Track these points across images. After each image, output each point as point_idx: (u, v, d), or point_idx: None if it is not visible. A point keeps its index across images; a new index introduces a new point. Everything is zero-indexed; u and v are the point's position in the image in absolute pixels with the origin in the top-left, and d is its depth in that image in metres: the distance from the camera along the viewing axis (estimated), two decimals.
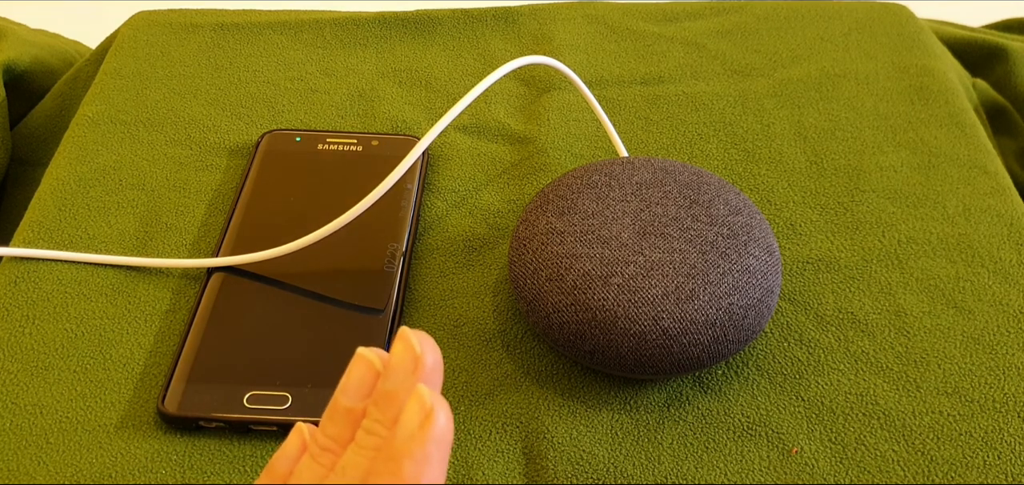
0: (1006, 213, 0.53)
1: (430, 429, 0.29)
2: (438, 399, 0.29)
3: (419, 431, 0.29)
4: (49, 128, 0.64)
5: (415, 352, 0.31)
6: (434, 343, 0.31)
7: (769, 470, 0.42)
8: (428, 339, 0.31)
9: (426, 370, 0.31)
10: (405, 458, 0.29)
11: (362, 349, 0.32)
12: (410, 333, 0.31)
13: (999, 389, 0.45)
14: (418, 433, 0.29)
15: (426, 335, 0.31)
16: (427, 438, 0.29)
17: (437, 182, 0.55)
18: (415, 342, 0.31)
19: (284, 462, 0.33)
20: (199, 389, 0.44)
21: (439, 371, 0.31)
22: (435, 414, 0.29)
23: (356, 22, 0.65)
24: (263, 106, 0.59)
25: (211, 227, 0.52)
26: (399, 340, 0.31)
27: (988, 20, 0.81)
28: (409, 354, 0.31)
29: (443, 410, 0.29)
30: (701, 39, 0.65)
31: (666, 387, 0.45)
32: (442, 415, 0.29)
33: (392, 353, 0.31)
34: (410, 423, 0.29)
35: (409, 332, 0.31)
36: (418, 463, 0.29)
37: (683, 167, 0.49)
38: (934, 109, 0.59)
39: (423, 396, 0.29)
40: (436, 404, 0.29)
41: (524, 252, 0.46)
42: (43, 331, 0.47)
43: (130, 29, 0.65)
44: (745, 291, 0.44)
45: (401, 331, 0.31)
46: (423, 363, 0.31)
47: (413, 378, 0.31)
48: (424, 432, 0.29)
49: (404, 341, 0.31)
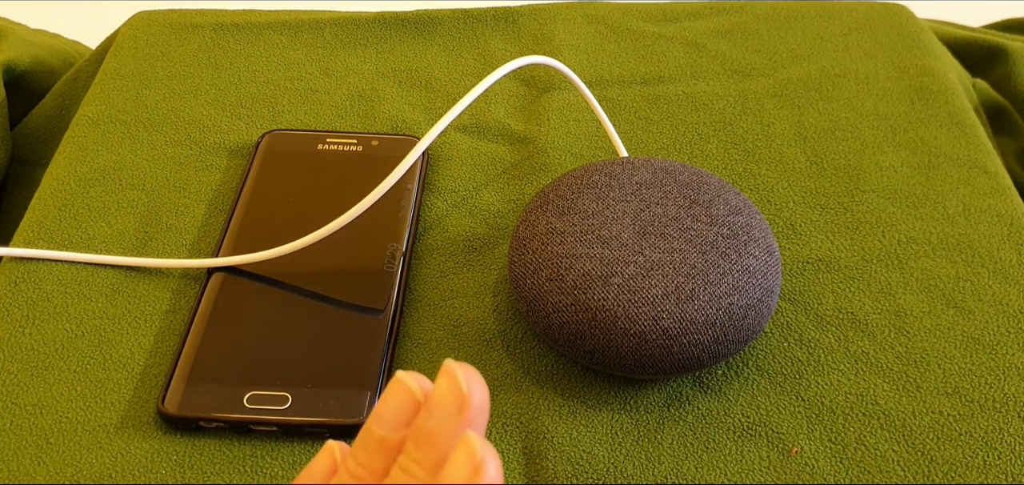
0: (1006, 213, 0.53)
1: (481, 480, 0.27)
2: (488, 448, 0.27)
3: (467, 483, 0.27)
4: (49, 128, 0.64)
5: (461, 391, 0.28)
6: (481, 380, 0.29)
7: (769, 470, 0.42)
8: (475, 375, 0.29)
9: (473, 411, 0.28)
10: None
11: (402, 374, 0.30)
12: (456, 367, 0.28)
13: (999, 389, 0.45)
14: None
15: (473, 369, 0.29)
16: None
17: (437, 182, 0.55)
18: (462, 378, 0.28)
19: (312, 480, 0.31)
20: (199, 389, 0.44)
21: (485, 411, 0.29)
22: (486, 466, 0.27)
23: (356, 22, 0.65)
24: (263, 106, 0.59)
25: (211, 227, 0.52)
26: (444, 375, 0.28)
27: (988, 20, 0.81)
28: (454, 392, 0.28)
29: (494, 460, 0.27)
30: (701, 39, 0.65)
31: (666, 387, 0.45)
32: (492, 466, 0.27)
33: (436, 388, 0.29)
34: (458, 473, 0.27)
35: (455, 366, 0.28)
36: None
37: (683, 167, 0.49)
38: (934, 109, 0.59)
39: (473, 446, 0.27)
40: (486, 455, 0.27)
41: (524, 252, 0.46)
42: (43, 331, 0.47)
43: (130, 29, 0.65)
44: (745, 291, 0.44)
45: (446, 364, 0.29)
46: (470, 404, 0.28)
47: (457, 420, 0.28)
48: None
49: (449, 377, 0.28)
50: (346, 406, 0.43)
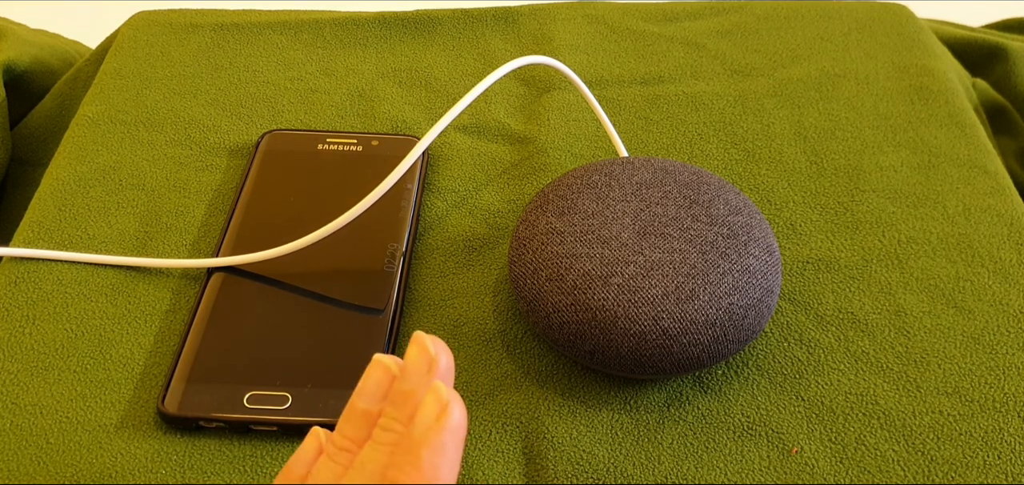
0: (1006, 213, 0.53)
1: (446, 420, 0.31)
2: (453, 394, 0.31)
3: (436, 422, 0.31)
4: (49, 128, 0.64)
5: (430, 354, 0.32)
6: (447, 347, 0.33)
7: (769, 470, 0.42)
8: (441, 343, 0.33)
9: (440, 371, 0.32)
10: (423, 447, 0.31)
11: (379, 355, 0.34)
12: (425, 337, 0.33)
13: (999, 389, 0.45)
14: (435, 424, 0.31)
15: (439, 339, 0.33)
16: (444, 428, 0.31)
17: (437, 182, 0.55)
18: (429, 345, 0.33)
19: (300, 465, 0.34)
20: (199, 389, 0.44)
21: (451, 373, 0.33)
22: (451, 407, 0.31)
23: (356, 22, 0.65)
24: (263, 106, 0.59)
25: (211, 227, 0.52)
26: (414, 343, 0.33)
27: (988, 20, 0.81)
28: (424, 356, 0.33)
29: (458, 404, 0.31)
30: (701, 39, 0.65)
31: (666, 387, 0.45)
32: (457, 408, 0.31)
33: (407, 356, 0.33)
34: (428, 415, 0.31)
35: (423, 336, 0.33)
36: (435, 452, 0.31)
37: (683, 167, 0.49)
38: (934, 109, 0.59)
39: (440, 390, 0.31)
40: (451, 398, 0.31)
41: (524, 252, 0.46)
42: (43, 331, 0.47)
43: (130, 29, 0.65)
44: (745, 291, 0.44)
45: (416, 335, 0.33)
46: (438, 364, 0.32)
47: (428, 378, 0.32)
48: (440, 423, 0.31)
49: (419, 344, 0.33)
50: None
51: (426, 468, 0.30)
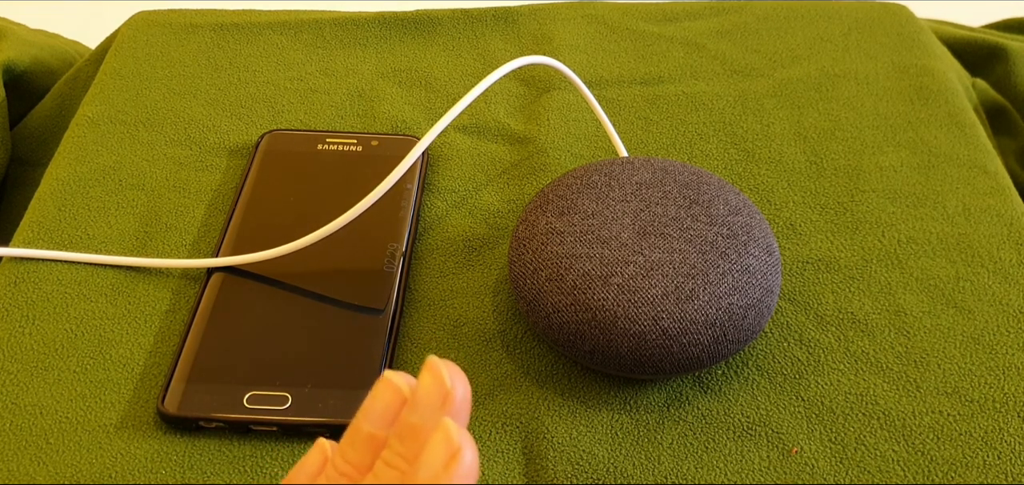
0: (1006, 213, 0.53)
1: (456, 468, 0.28)
2: (465, 436, 0.28)
3: (444, 471, 0.28)
4: (49, 128, 0.64)
5: (445, 385, 0.29)
6: (464, 376, 0.30)
7: (769, 470, 0.42)
8: (458, 371, 0.30)
9: (456, 404, 0.29)
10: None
11: (389, 373, 0.31)
12: (440, 364, 0.29)
13: (999, 389, 0.45)
14: (443, 472, 0.28)
15: (455, 366, 0.30)
16: (452, 476, 0.28)
17: (437, 182, 0.55)
18: (445, 374, 0.29)
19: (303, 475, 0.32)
20: (199, 389, 0.44)
21: (467, 405, 0.30)
22: (462, 453, 0.28)
23: (356, 22, 0.65)
24: (263, 106, 0.59)
25: (211, 227, 0.52)
26: (427, 370, 0.29)
27: (988, 20, 0.81)
28: (438, 387, 0.29)
29: (470, 449, 0.28)
30: (701, 39, 0.65)
31: (666, 387, 0.45)
32: (469, 454, 0.28)
33: (419, 383, 0.29)
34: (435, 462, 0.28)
35: (438, 363, 0.29)
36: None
37: (683, 167, 0.49)
38: (934, 109, 0.59)
39: (450, 433, 0.28)
40: (463, 442, 0.28)
41: (524, 252, 0.46)
42: (43, 331, 0.47)
43: (130, 29, 0.65)
44: (745, 291, 0.44)
45: (429, 361, 0.30)
46: (453, 398, 0.29)
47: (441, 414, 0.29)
48: (449, 470, 0.28)
49: (433, 372, 0.29)
50: (346, 406, 0.43)
51: None
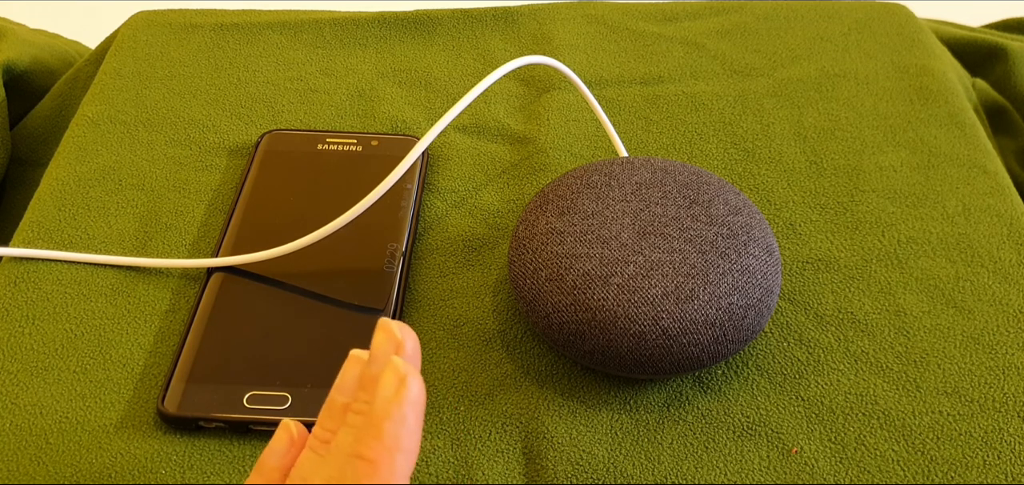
0: (1006, 213, 0.53)
1: (404, 392, 0.32)
2: (410, 368, 0.32)
3: (395, 395, 0.32)
4: (49, 128, 0.64)
5: (396, 338, 0.34)
6: (413, 332, 0.34)
7: (769, 470, 0.42)
8: (407, 328, 0.34)
9: (406, 354, 0.34)
10: (384, 420, 0.32)
11: (354, 350, 0.35)
12: (390, 322, 0.34)
13: (999, 389, 0.45)
14: (394, 396, 0.32)
15: (405, 325, 0.34)
16: (403, 400, 0.32)
17: (437, 182, 0.55)
18: (396, 330, 0.34)
19: (273, 458, 0.35)
20: (199, 389, 0.44)
21: (417, 356, 0.34)
22: (409, 380, 0.32)
23: (356, 22, 0.65)
24: (263, 106, 0.59)
25: (211, 227, 0.52)
26: (379, 330, 0.34)
27: (988, 20, 0.81)
28: (390, 340, 0.34)
29: (416, 378, 0.32)
30: (701, 39, 0.65)
31: (666, 387, 0.45)
32: (415, 382, 0.32)
33: (373, 342, 0.34)
34: (387, 389, 0.32)
35: (388, 321, 0.34)
36: (396, 423, 0.32)
37: (683, 167, 0.49)
38: (934, 109, 0.59)
39: (397, 365, 0.33)
40: (408, 372, 0.32)
41: (524, 252, 0.46)
42: (43, 331, 0.47)
43: (130, 29, 0.65)
44: (745, 291, 0.44)
45: (381, 321, 0.34)
46: (403, 347, 0.34)
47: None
48: (399, 395, 0.32)
49: (385, 330, 0.34)
50: None
51: (388, 440, 0.32)
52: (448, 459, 0.43)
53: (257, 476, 0.35)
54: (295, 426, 0.36)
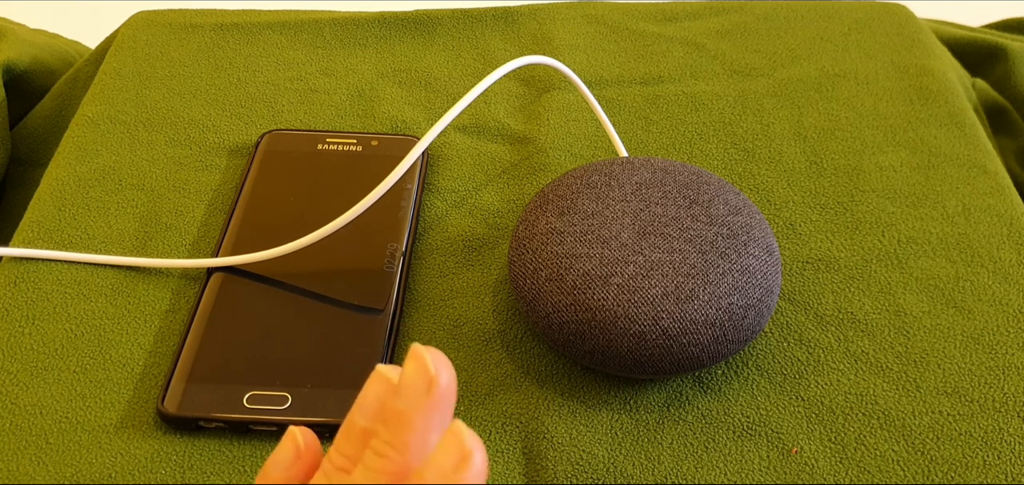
0: (1006, 213, 0.53)
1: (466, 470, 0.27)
2: (475, 439, 0.28)
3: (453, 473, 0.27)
4: (49, 128, 0.64)
5: (429, 372, 0.29)
6: (448, 362, 0.29)
7: (769, 470, 0.42)
8: (442, 357, 0.29)
9: (441, 390, 0.29)
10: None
11: (381, 366, 0.31)
12: (423, 350, 0.29)
13: (999, 389, 0.45)
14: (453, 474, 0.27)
15: (440, 353, 0.30)
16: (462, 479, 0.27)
17: (437, 182, 0.55)
18: (429, 361, 0.29)
19: (277, 468, 0.32)
20: (199, 389, 0.44)
21: (453, 391, 0.30)
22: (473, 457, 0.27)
23: (356, 22, 0.65)
24: (263, 106, 0.59)
25: (211, 227, 0.52)
26: (411, 358, 0.29)
27: (988, 20, 0.81)
28: (422, 374, 0.29)
29: (480, 451, 0.28)
30: (701, 39, 0.65)
31: (666, 387, 0.45)
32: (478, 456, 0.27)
33: (404, 371, 0.29)
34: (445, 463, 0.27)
35: (422, 349, 0.29)
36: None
37: (683, 167, 0.49)
38: (934, 109, 0.59)
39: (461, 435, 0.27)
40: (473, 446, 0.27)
41: (524, 252, 0.46)
42: (43, 331, 0.47)
43: (130, 29, 0.65)
44: (745, 291, 0.44)
45: (413, 348, 0.30)
46: (438, 384, 0.29)
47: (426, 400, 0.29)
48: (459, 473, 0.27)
49: (417, 360, 0.29)
50: (346, 406, 0.43)
51: None
52: None
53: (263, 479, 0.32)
54: (302, 435, 0.32)
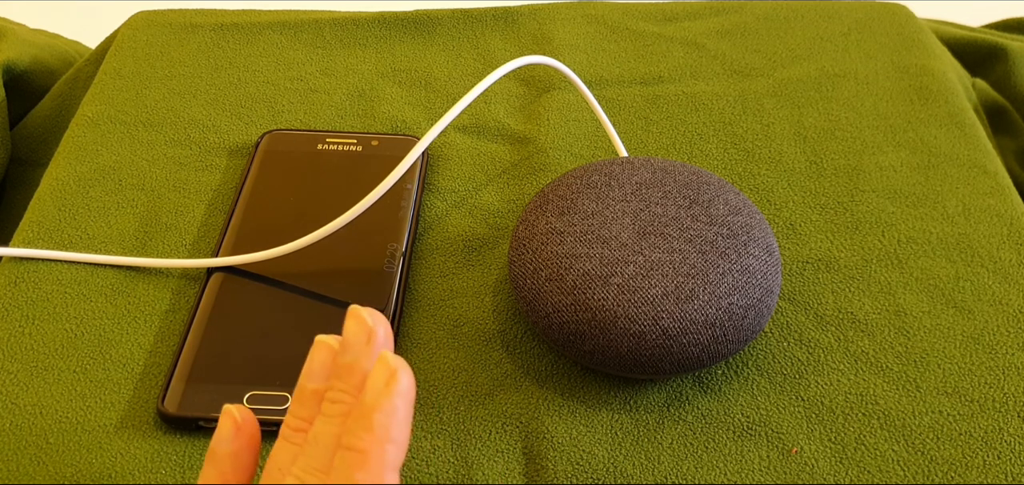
0: (1006, 213, 0.53)
1: (396, 385, 0.32)
2: (400, 361, 0.32)
3: (385, 387, 0.32)
4: (49, 128, 0.64)
5: (367, 325, 0.34)
6: (384, 317, 0.34)
7: (769, 470, 0.42)
8: (378, 313, 0.34)
9: (379, 341, 0.33)
10: (375, 412, 0.32)
11: (321, 336, 0.35)
12: (360, 309, 0.34)
13: (999, 389, 0.45)
14: (384, 389, 0.32)
15: (375, 311, 0.34)
16: (393, 393, 0.32)
17: (437, 182, 0.55)
18: (367, 317, 0.34)
19: (223, 445, 0.35)
20: (199, 389, 0.44)
21: (390, 342, 0.34)
22: (399, 372, 0.32)
23: (356, 22, 0.65)
24: (263, 106, 0.59)
25: (211, 227, 0.52)
26: (350, 317, 0.34)
27: (988, 20, 0.81)
28: (362, 328, 0.34)
29: (406, 370, 0.32)
30: (701, 39, 0.65)
31: (666, 387, 0.45)
32: (405, 374, 0.32)
33: (345, 330, 0.34)
34: (378, 381, 0.32)
35: (359, 309, 0.34)
36: (387, 415, 0.32)
37: (683, 167, 0.49)
38: (934, 109, 0.59)
39: (387, 358, 0.32)
40: (399, 365, 0.32)
41: (524, 252, 0.46)
42: (43, 331, 0.47)
43: (130, 29, 0.65)
44: (745, 291, 0.44)
45: (351, 309, 0.34)
46: (376, 334, 0.33)
47: (368, 348, 0.33)
48: (390, 387, 0.32)
49: (356, 318, 0.34)
50: None
51: (378, 431, 0.31)
52: (448, 459, 0.43)
53: (211, 465, 0.35)
54: (238, 411, 0.35)
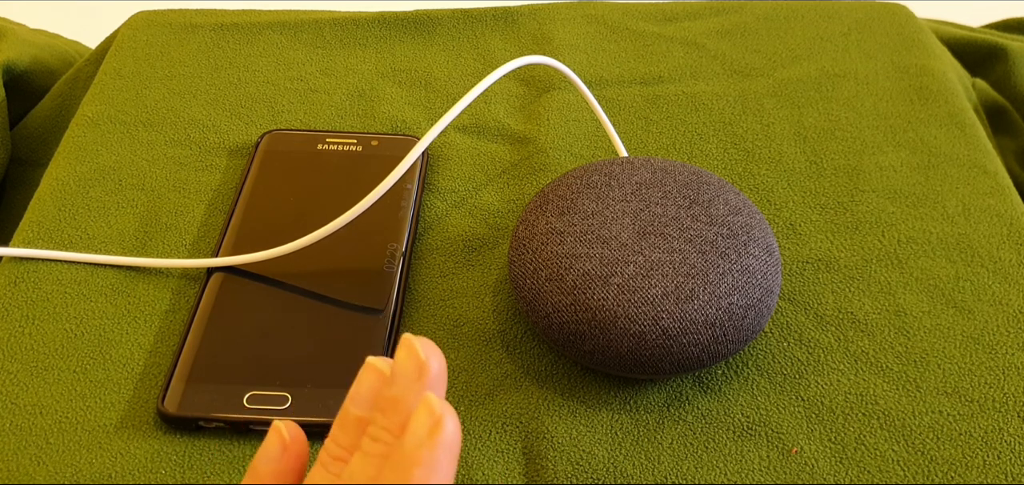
0: (1006, 213, 0.53)
1: (440, 436, 0.29)
2: (446, 407, 0.30)
3: (428, 438, 0.29)
4: (49, 128, 0.64)
5: (420, 358, 0.31)
6: (438, 350, 0.31)
7: (769, 470, 0.42)
8: (432, 345, 0.31)
9: (432, 377, 0.31)
10: (414, 466, 0.29)
11: (371, 358, 0.33)
12: (414, 340, 0.31)
13: (999, 389, 0.45)
14: (428, 440, 0.29)
15: (430, 341, 0.31)
16: (437, 445, 0.29)
17: (437, 182, 0.55)
18: (419, 348, 0.31)
19: (266, 463, 0.33)
20: (199, 389, 0.44)
21: (443, 377, 0.31)
22: (444, 421, 0.29)
23: (356, 22, 0.65)
24: (263, 106, 0.59)
25: (211, 227, 0.52)
26: (403, 346, 0.31)
27: (988, 20, 0.81)
28: (413, 361, 0.31)
29: (452, 417, 0.29)
30: (701, 39, 0.65)
31: (666, 387, 0.45)
32: (451, 422, 0.29)
33: (396, 360, 0.31)
34: (419, 430, 0.29)
35: (413, 339, 0.31)
36: (428, 469, 0.29)
37: (683, 167, 0.49)
38: (934, 109, 0.59)
39: (432, 403, 0.30)
40: (445, 411, 0.29)
41: (524, 252, 0.46)
42: (43, 331, 0.47)
43: (130, 29, 0.65)
44: (745, 291, 0.44)
45: (405, 338, 0.31)
46: (428, 369, 0.31)
47: (418, 385, 0.31)
48: (433, 439, 0.29)
49: (408, 348, 0.31)
50: None
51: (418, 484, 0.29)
52: None
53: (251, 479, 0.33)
54: (287, 429, 0.33)
